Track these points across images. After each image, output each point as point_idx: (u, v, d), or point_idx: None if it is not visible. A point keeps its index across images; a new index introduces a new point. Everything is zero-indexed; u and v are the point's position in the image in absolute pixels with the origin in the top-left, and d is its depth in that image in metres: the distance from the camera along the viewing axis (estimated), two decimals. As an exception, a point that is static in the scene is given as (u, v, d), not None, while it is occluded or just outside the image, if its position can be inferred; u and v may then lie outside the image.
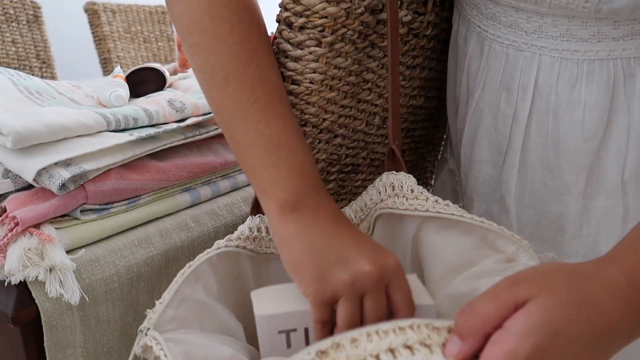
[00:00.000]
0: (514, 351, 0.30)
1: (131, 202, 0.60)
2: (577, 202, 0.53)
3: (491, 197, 0.58)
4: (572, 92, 0.49)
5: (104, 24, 1.82)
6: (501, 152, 0.56)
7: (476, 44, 0.56)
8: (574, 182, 0.52)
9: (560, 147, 0.51)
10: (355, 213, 0.56)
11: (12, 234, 0.51)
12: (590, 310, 0.33)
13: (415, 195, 0.50)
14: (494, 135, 0.56)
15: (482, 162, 0.58)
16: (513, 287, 0.33)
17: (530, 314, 0.32)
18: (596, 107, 0.49)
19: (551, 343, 0.31)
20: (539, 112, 0.52)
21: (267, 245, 0.54)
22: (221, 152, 0.72)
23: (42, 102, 0.65)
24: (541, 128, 0.52)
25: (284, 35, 0.50)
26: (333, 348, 0.32)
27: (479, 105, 0.57)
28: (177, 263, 0.61)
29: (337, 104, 0.55)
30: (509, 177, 0.55)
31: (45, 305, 0.49)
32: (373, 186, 0.54)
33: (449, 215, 0.47)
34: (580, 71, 0.49)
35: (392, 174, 0.53)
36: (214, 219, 0.65)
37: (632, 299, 0.34)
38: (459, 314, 0.33)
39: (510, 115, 0.54)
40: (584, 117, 0.49)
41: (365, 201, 0.55)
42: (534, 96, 0.51)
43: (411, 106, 0.68)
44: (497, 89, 0.54)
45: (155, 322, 0.45)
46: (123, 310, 0.56)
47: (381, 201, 0.52)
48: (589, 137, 0.50)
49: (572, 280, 0.34)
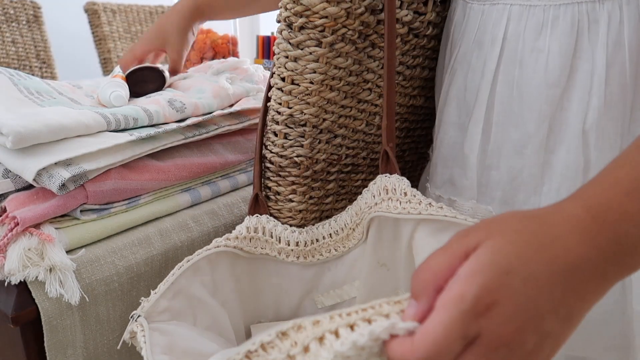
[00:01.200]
0: (461, 294, 0.29)
1: (131, 202, 0.60)
2: (538, 155, 0.53)
3: (453, 161, 0.58)
4: (538, 39, 0.50)
5: (104, 24, 1.82)
6: (468, 111, 0.56)
7: (461, 11, 0.58)
8: (536, 132, 0.52)
9: (524, 96, 0.52)
10: (351, 217, 0.56)
11: (12, 234, 0.51)
12: (548, 247, 0.30)
13: (409, 198, 0.50)
14: (462, 94, 0.57)
15: (449, 124, 0.59)
16: (462, 238, 0.32)
17: (477, 256, 0.30)
18: (560, 54, 0.49)
19: (502, 283, 0.29)
20: (507, 61, 0.52)
21: (262, 246, 0.54)
22: (221, 152, 0.71)
23: (42, 102, 0.65)
24: (507, 78, 0.53)
25: (284, 35, 0.49)
26: (294, 329, 0.31)
27: (454, 67, 0.58)
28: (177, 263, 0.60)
29: (337, 104, 0.55)
30: (474, 135, 0.55)
31: (45, 305, 0.49)
32: (367, 190, 0.54)
33: (441, 217, 0.47)
34: (546, 17, 0.50)
35: (385, 176, 0.52)
36: (214, 219, 0.65)
37: (597, 233, 0.31)
38: (413, 275, 0.32)
39: (480, 70, 0.54)
40: (547, 64, 0.50)
41: (360, 205, 0.55)
42: (502, 46, 0.52)
43: (411, 106, 0.68)
44: (471, 46, 0.55)
45: (147, 311, 0.46)
46: (123, 310, 0.56)
47: (375, 205, 0.52)
48: (552, 84, 0.50)
49: (523, 222, 0.32)
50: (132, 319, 0.45)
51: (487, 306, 0.29)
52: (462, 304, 0.28)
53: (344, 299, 0.58)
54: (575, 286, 0.31)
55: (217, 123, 0.72)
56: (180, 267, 0.49)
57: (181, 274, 0.48)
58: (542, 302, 0.30)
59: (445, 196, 0.60)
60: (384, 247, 0.55)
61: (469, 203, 0.57)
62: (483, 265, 0.29)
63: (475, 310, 0.28)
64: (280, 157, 0.56)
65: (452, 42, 0.59)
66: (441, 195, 0.60)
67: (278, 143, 0.55)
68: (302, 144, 0.55)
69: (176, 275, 0.48)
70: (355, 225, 0.56)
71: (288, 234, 0.55)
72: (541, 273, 0.30)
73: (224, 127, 0.72)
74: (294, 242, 0.55)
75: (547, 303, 0.30)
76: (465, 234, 0.32)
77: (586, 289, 0.31)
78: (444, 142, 0.59)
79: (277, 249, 0.55)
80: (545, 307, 0.30)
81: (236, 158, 0.72)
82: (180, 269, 0.48)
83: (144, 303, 0.47)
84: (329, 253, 0.56)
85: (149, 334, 0.43)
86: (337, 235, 0.56)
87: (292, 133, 0.54)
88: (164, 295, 0.47)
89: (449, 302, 0.29)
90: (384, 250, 0.56)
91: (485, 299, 0.29)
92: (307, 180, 0.57)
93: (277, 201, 0.58)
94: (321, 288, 0.58)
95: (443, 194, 0.60)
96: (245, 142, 0.76)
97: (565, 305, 0.30)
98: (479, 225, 0.33)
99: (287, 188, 0.57)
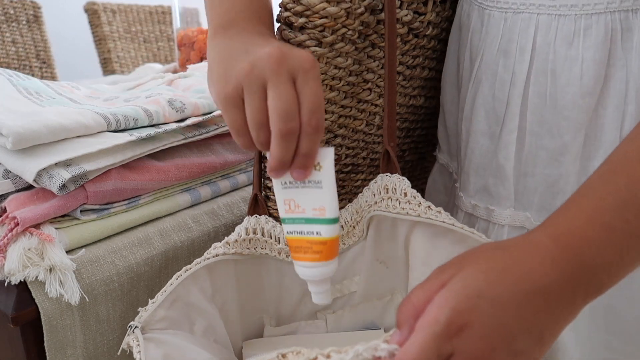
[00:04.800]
0: (435, 318, 0.31)
1: (131, 202, 0.60)
2: (575, 163, 0.53)
3: (487, 170, 0.58)
4: (570, 48, 0.50)
5: (104, 24, 1.82)
6: (498, 120, 0.56)
7: (477, 18, 0.57)
8: (572, 141, 0.52)
9: (558, 106, 0.51)
10: (351, 215, 0.56)
11: (12, 234, 0.51)
12: (514, 272, 0.33)
13: (408, 199, 0.50)
14: (490, 104, 0.56)
15: (479, 133, 0.58)
16: (439, 273, 0.35)
17: (450, 285, 0.33)
18: (594, 62, 0.49)
19: (472, 306, 0.32)
20: (537, 72, 0.52)
21: (262, 246, 0.54)
22: (221, 152, 0.71)
23: (41, 102, 0.65)
24: (539, 88, 0.52)
25: (284, 35, 0.50)
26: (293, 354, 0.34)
27: (478, 75, 0.57)
28: (177, 263, 0.61)
29: (337, 104, 0.55)
30: (508, 144, 0.55)
31: (45, 305, 0.49)
32: (368, 188, 0.54)
33: (439, 222, 0.47)
34: (578, 27, 0.49)
35: (386, 176, 0.53)
36: (214, 219, 0.65)
37: (559, 257, 0.34)
38: (397, 309, 0.35)
39: (508, 80, 0.54)
40: (581, 73, 0.50)
41: (360, 203, 0.55)
42: (532, 57, 0.52)
43: (411, 106, 0.68)
44: (495, 55, 0.55)
45: (145, 320, 0.47)
46: (123, 310, 0.56)
47: (375, 203, 0.52)
48: (587, 93, 0.50)
49: (494, 252, 0.35)
50: (130, 328, 0.46)
51: (459, 327, 0.31)
52: (436, 326, 0.31)
53: (344, 293, 0.58)
54: (545, 307, 0.33)
55: (217, 123, 0.72)
56: (178, 277, 0.49)
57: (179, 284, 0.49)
58: (511, 322, 0.32)
59: (481, 205, 0.59)
60: (382, 245, 0.55)
61: (507, 211, 0.57)
62: (455, 292, 0.32)
63: (448, 331, 0.31)
64: (280, 157, 0.56)
65: (470, 49, 0.58)
66: (477, 204, 0.59)
67: (278, 143, 0.55)
68: (302, 144, 0.55)
69: (174, 285, 0.48)
70: (355, 222, 0.56)
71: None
72: (507, 295, 0.33)
73: (224, 127, 0.72)
74: None
75: (517, 323, 0.32)
76: (442, 270, 0.35)
77: (556, 310, 0.34)
78: (475, 151, 0.59)
79: (276, 249, 0.55)
80: (515, 327, 0.32)
81: (236, 158, 0.72)
82: (179, 279, 0.49)
83: (141, 312, 0.48)
84: None
85: (144, 347, 0.44)
86: None
87: (292, 133, 0.54)
88: (162, 305, 0.48)
89: (425, 325, 0.32)
90: (383, 248, 0.56)
91: (457, 321, 0.32)
92: (307, 180, 0.57)
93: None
94: None
95: (479, 202, 0.59)
96: (245, 142, 0.76)
97: (537, 325, 0.33)
98: (452, 261, 0.36)
99: (287, 188, 0.57)
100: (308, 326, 0.58)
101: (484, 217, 0.59)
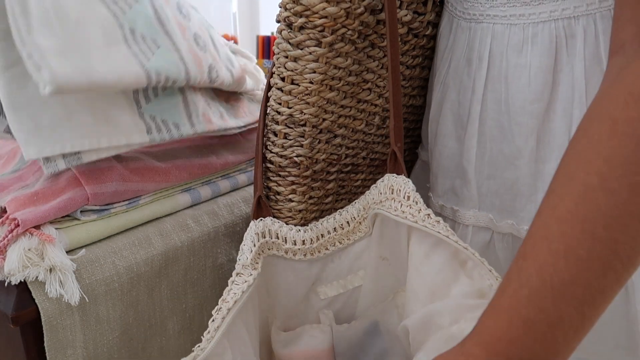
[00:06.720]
0: None
1: (131, 203, 0.60)
2: (529, 166, 0.54)
3: (454, 171, 0.60)
4: (520, 56, 0.52)
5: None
6: (463, 125, 0.58)
7: (447, 23, 0.60)
8: (525, 145, 0.54)
9: (511, 111, 0.54)
10: (358, 211, 0.57)
11: (12, 236, 0.51)
12: None
13: (410, 203, 0.50)
14: (457, 109, 0.59)
15: (446, 137, 0.60)
16: None
17: None
18: (541, 69, 0.51)
19: None
20: (493, 79, 0.54)
21: (269, 247, 0.55)
22: (221, 152, 0.72)
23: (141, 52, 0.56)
24: (495, 95, 0.54)
25: (283, 35, 0.50)
26: None
27: (446, 80, 0.60)
28: (177, 263, 0.61)
29: (336, 104, 0.55)
30: (470, 148, 0.57)
31: (45, 305, 0.49)
32: (375, 186, 0.55)
33: (435, 232, 0.48)
34: (526, 35, 0.52)
35: (392, 176, 0.53)
36: (214, 219, 0.65)
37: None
38: None
39: (470, 87, 0.56)
40: (529, 80, 0.52)
41: (367, 200, 0.56)
42: (489, 64, 0.54)
43: (411, 106, 0.68)
44: (460, 62, 0.57)
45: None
46: (123, 310, 0.56)
47: (380, 202, 0.53)
48: (536, 99, 0.52)
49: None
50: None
51: None
52: None
53: (348, 288, 0.59)
54: None
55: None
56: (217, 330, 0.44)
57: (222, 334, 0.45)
58: None
59: (448, 205, 0.61)
60: (385, 242, 0.56)
61: (470, 212, 0.59)
62: None
63: None
64: (280, 157, 0.56)
65: (443, 56, 0.61)
66: (444, 205, 0.62)
67: (278, 143, 0.55)
68: (302, 144, 0.55)
69: (216, 339, 0.44)
70: (362, 218, 0.57)
71: (294, 234, 0.55)
72: None
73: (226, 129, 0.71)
74: (301, 241, 0.55)
75: None
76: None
77: None
78: (443, 154, 0.61)
79: (284, 249, 0.55)
80: None
81: (236, 158, 0.72)
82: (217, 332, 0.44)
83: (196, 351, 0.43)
84: (333, 246, 0.57)
85: None
86: (342, 229, 0.57)
87: (292, 133, 0.54)
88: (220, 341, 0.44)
89: None
90: (386, 245, 0.56)
91: None
92: (306, 180, 0.57)
93: (277, 201, 0.58)
94: (324, 280, 0.59)
95: (446, 203, 0.62)
96: (245, 142, 0.76)
97: None
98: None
99: (287, 188, 0.57)
100: (313, 329, 0.58)
101: (450, 217, 0.61)
